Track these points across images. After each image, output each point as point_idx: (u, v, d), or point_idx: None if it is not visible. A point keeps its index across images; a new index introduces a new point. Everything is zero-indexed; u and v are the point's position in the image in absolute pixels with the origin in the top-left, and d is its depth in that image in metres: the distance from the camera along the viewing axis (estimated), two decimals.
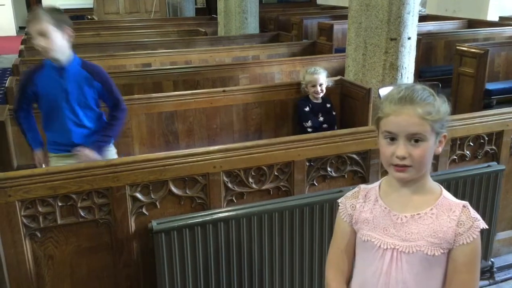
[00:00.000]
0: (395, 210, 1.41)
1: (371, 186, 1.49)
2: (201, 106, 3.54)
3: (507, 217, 3.15)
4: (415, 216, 1.37)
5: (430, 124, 1.31)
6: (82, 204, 2.20)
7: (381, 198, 1.43)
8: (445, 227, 1.34)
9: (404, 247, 1.37)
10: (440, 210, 1.36)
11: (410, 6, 3.49)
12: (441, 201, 1.37)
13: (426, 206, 1.37)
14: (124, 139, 3.32)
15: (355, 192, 1.50)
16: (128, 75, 4.33)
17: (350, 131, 2.67)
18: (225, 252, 2.32)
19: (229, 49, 5.75)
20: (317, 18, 8.31)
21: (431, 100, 1.33)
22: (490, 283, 3.00)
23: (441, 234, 1.34)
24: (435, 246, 1.35)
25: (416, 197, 1.38)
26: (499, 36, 6.61)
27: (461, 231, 1.33)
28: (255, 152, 2.45)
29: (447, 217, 1.34)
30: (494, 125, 2.87)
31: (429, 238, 1.35)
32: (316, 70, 3.66)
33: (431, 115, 1.31)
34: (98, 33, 7.09)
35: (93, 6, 10.84)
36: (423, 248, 1.35)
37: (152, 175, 2.25)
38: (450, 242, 1.34)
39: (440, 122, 1.33)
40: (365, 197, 1.47)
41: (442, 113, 1.34)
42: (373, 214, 1.43)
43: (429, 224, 1.35)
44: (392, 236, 1.39)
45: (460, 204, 1.36)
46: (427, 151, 1.32)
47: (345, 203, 1.50)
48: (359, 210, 1.46)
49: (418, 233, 1.36)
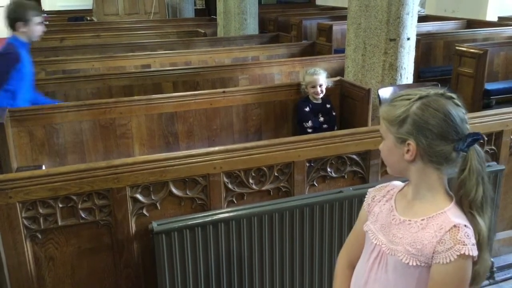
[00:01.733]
0: (397, 210, 1.42)
1: (399, 185, 1.49)
2: (201, 107, 3.54)
3: (507, 216, 3.16)
4: (406, 222, 1.37)
5: (385, 125, 1.37)
6: (82, 205, 2.21)
7: (395, 197, 1.45)
8: (426, 241, 1.30)
9: (388, 249, 1.39)
10: (430, 223, 1.32)
11: (409, 7, 3.50)
12: (438, 216, 1.32)
13: (421, 216, 1.35)
14: (124, 140, 3.33)
15: (382, 186, 1.53)
16: (128, 77, 4.33)
17: (349, 131, 2.68)
18: (225, 253, 2.33)
19: (228, 50, 5.75)
20: (316, 19, 8.30)
21: (399, 103, 1.34)
22: (490, 282, 3.00)
23: (419, 245, 1.31)
24: (411, 255, 1.32)
25: (420, 205, 1.37)
26: (498, 36, 6.60)
27: (440, 249, 1.28)
28: (255, 153, 2.46)
29: (433, 232, 1.30)
30: (493, 125, 2.88)
31: (408, 246, 1.33)
32: (316, 71, 3.66)
33: (386, 116, 1.36)
34: (97, 34, 7.09)
35: (93, 7, 10.84)
36: (399, 254, 1.35)
37: (153, 176, 2.26)
38: (428, 257, 1.30)
39: (395, 126, 1.33)
40: (387, 193, 1.49)
41: (396, 117, 1.33)
42: (381, 209, 1.46)
43: (413, 233, 1.34)
44: (385, 234, 1.41)
45: (452, 223, 1.29)
46: (385, 150, 1.39)
47: (370, 193, 1.54)
48: (375, 202, 1.50)
49: (401, 238, 1.36)
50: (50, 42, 6.64)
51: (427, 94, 1.33)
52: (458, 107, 1.32)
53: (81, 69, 4.92)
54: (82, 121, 3.26)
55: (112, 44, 6.15)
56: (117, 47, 5.98)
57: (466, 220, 1.31)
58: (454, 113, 1.30)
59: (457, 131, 1.29)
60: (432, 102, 1.31)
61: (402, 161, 1.35)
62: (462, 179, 1.31)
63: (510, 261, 3.15)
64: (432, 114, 1.30)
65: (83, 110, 3.25)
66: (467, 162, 1.30)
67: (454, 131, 1.29)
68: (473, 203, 1.31)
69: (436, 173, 1.33)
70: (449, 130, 1.29)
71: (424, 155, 1.32)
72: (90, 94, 4.12)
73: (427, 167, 1.33)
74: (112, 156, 3.27)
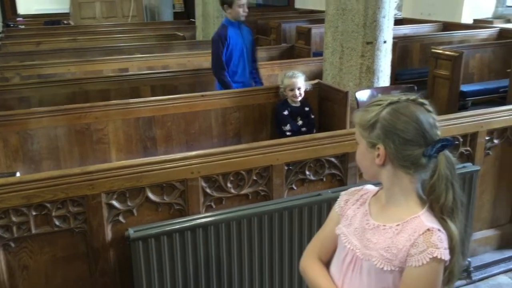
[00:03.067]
0: (371, 215, 1.42)
1: (372, 189, 1.49)
2: (179, 111, 3.51)
3: (483, 217, 3.21)
4: (380, 227, 1.37)
5: (358, 129, 1.38)
6: (56, 213, 2.16)
7: (369, 201, 1.45)
8: (401, 245, 1.31)
9: (362, 254, 1.38)
10: (405, 228, 1.32)
11: (386, 10, 3.53)
12: (412, 220, 1.32)
13: (396, 221, 1.35)
14: (100, 146, 3.29)
15: (356, 189, 1.52)
16: (104, 81, 4.28)
17: (327, 134, 2.69)
18: (204, 259, 2.30)
19: (207, 53, 5.69)
20: (295, 22, 8.33)
21: (371, 109, 1.36)
22: (467, 282, 3.04)
23: (394, 250, 1.31)
24: (386, 260, 1.32)
25: (394, 209, 1.37)
26: (474, 38, 6.72)
27: (413, 252, 1.28)
28: (233, 157, 2.45)
29: (408, 236, 1.31)
30: (468, 127, 2.92)
31: (382, 251, 1.33)
32: (294, 74, 3.67)
33: (359, 121, 1.38)
34: (74, 38, 7.01)
35: (69, 11, 10.71)
36: (373, 259, 1.35)
37: (129, 182, 2.22)
38: (402, 261, 1.31)
39: (367, 130, 1.35)
40: (361, 197, 1.48)
41: (367, 121, 1.35)
42: (355, 213, 1.45)
43: (388, 238, 1.34)
44: (358, 238, 1.41)
45: (425, 227, 1.30)
46: (358, 154, 1.41)
47: (343, 196, 1.54)
48: (349, 205, 1.49)
49: (376, 243, 1.36)
50: (25, 46, 6.55)
51: (398, 100, 1.34)
52: (428, 113, 1.34)
53: (57, 74, 4.85)
54: (57, 127, 3.20)
55: (89, 48, 6.08)
56: (94, 51, 5.91)
57: (439, 224, 1.32)
58: (422, 119, 1.31)
59: (426, 136, 1.30)
60: (401, 107, 1.32)
61: (373, 165, 1.37)
62: (431, 184, 1.33)
63: (487, 260, 3.19)
64: (400, 119, 1.31)
65: (58, 116, 3.20)
66: (436, 168, 1.31)
67: (422, 136, 1.30)
68: (443, 208, 1.32)
69: (407, 177, 1.34)
70: (417, 135, 1.30)
71: (394, 159, 1.33)
72: (65, 99, 4.05)
73: (397, 171, 1.34)
74: (88, 162, 3.22)
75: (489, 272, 3.13)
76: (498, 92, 5.43)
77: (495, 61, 5.83)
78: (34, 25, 9.82)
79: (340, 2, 3.55)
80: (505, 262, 3.21)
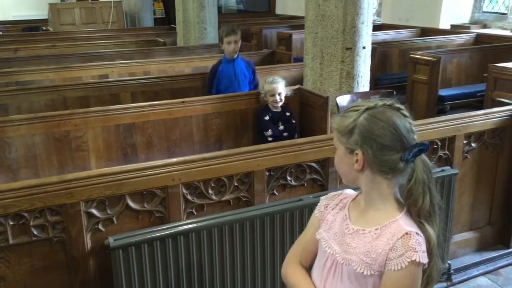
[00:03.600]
0: (350, 219, 1.42)
1: (351, 194, 1.50)
2: (160, 118, 3.50)
3: (462, 220, 3.25)
4: (359, 231, 1.38)
5: (336, 135, 1.40)
6: (34, 222, 2.13)
7: (349, 206, 1.45)
8: (380, 249, 1.32)
9: (341, 258, 1.39)
10: (384, 232, 1.34)
11: (364, 16, 3.57)
12: (391, 224, 1.34)
13: (375, 225, 1.36)
14: (79, 153, 3.25)
15: (335, 194, 1.53)
16: (84, 87, 4.23)
17: (308, 139, 2.70)
18: (185, 266, 2.29)
19: (188, 59, 5.71)
20: (276, 28, 8.37)
21: (348, 114, 1.37)
22: (448, 285, 3.07)
23: (374, 254, 1.33)
24: (366, 265, 1.34)
25: (373, 213, 1.38)
26: (451, 43, 6.84)
27: (392, 256, 1.30)
28: (214, 163, 2.44)
29: (386, 240, 1.32)
30: (446, 131, 2.96)
31: (362, 255, 1.35)
32: (274, 80, 3.68)
33: (337, 127, 1.39)
34: (53, 44, 6.92)
35: (48, 17, 10.57)
36: (353, 264, 1.36)
37: (108, 190, 2.20)
38: (381, 265, 1.32)
39: (345, 136, 1.36)
40: (340, 201, 1.49)
41: (345, 127, 1.36)
42: (334, 218, 1.46)
43: (367, 243, 1.35)
44: (338, 243, 1.41)
45: (404, 230, 1.31)
46: (337, 159, 1.42)
47: (323, 200, 1.54)
48: (328, 210, 1.49)
49: (356, 248, 1.36)
50: (3, 53, 6.44)
51: (375, 105, 1.35)
52: (405, 118, 1.35)
53: (35, 80, 4.77)
54: (35, 135, 3.15)
55: (68, 54, 6.01)
56: (73, 57, 5.84)
57: (417, 228, 1.33)
58: (399, 124, 1.33)
59: (402, 141, 1.32)
60: (378, 113, 1.34)
61: (352, 170, 1.38)
62: (409, 189, 1.34)
63: (467, 262, 3.24)
64: (377, 125, 1.32)
65: (36, 123, 3.15)
66: (413, 172, 1.33)
67: (399, 141, 1.32)
68: (421, 211, 1.34)
69: (385, 182, 1.35)
70: (394, 140, 1.31)
71: (372, 164, 1.34)
72: (44, 106, 3.99)
73: (376, 176, 1.35)
74: (67, 170, 3.17)
75: (469, 274, 3.17)
76: (476, 96, 5.52)
77: (472, 66, 5.94)
78: (12, 32, 9.66)
79: (319, 8, 3.58)
80: (485, 264, 3.26)
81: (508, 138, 3.19)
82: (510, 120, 3.16)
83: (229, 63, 4.35)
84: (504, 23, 7.88)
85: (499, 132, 3.16)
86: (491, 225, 3.36)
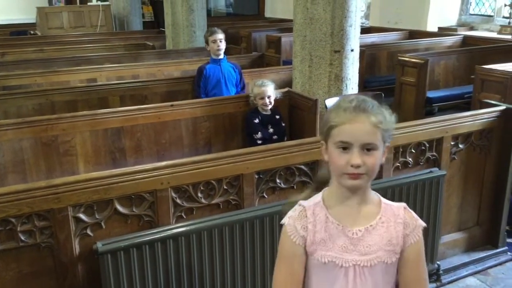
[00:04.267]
0: (347, 224, 1.38)
1: (313, 202, 1.42)
2: (149, 121, 3.48)
3: (451, 220, 3.27)
4: (368, 228, 1.38)
5: (381, 133, 1.33)
6: (22, 228, 2.11)
7: (330, 214, 1.39)
8: (396, 233, 1.38)
9: (365, 261, 1.36)
10: (387, 217, 1.39)
11: (352, 19, 3.59)
12: (384, 207, 1.41)
13: (374, 216, 1.39)
14: (68, 158, 3.23)
15: (301, 212, 1.41)
16: (72, 91, 4.20)
17: (297, 142, 2.70)
18: (175, 270, 2.28)
19: (177, 62, 5.70)
20: (265, 31, 8.39)
21: (381, 110, 1.36)
22: (437, 285, 3.09)
23: (394, 240, 1.38)
24: (392, 253, 1.38)
25: (363, 207, 1.39)
26: (439, 46, 6.90)
27: (408, 232, 1.39)
28: (203, 166, 2.44)
29: (394, 222, 1.39)
30: (434, 132, 2.98)
31: (386, 247, 1.38)
32: (263, 83, 3.69)
33: (382, 124, 1.33)
34: (41, 48, 6.86)
35: (36, 21, 10.50)
36: (383, 258, 1.37)
37: (96, 195, 2.19)
38: (401, 245, 1.39)
39: (388, 131, 1.36)
40: (313, 215, 1.40)
41: (390, 123, 1.37)
42: (328, 233, 1.38)
43: (383, 234, 1.38)
44: (351, 252, 1.37)
45: (401, 206, 1.42)
46: (377, 160, 1.33)
47: (294, 225, 1.40)
48: (312, 230, 1.38)
49: (375, 244, 1.37)
50: None
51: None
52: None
53: (22, 85, 4.73)
54: (22, 139, 3.13)
55: (56, 58, 5.97)
56: (61, 61, 5.81)
57: None
58: None
59: None
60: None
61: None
62: None
63: (455, 263, 3.26)
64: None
65: (24, 128, 3.12)
66: None
67: None
68: None
69: None
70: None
71: None
72: (32, 111, 3.96)
73: None
74: (55, 174, 3.15)
75: (458, 275, 3.20)
76: (463, 98, 5.57)
77: (460, 68, 5.99)
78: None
79: (307, 11, 3.59)
80: (474, 264, 3.29)
81: (495, 139, 3.23)
82: (497, 121, 3.19)
83: (216, 63, 4.50)
84: (491, 25, 7.97)
85: (486, 133, 3.19)
86: (479, 225, 3.39)
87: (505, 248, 3.42)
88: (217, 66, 4.49)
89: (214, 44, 4.43)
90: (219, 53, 4.47)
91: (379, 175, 2.85)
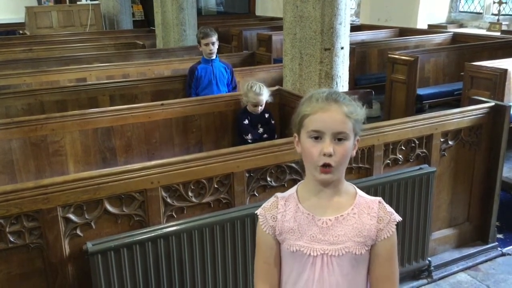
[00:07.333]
0: (317, 214, 1.41)
1: (288, 194, 1.48)
2: (139, 121, 3.46)
3: (441, 216, 3.29)
4: (339, 218, 1.40)
5: (352, 123, 1.37)
6: (10, 228, 2.09)
7: (301, 204, 1.43)
8: (368, 225, 1.39)
9: (333, 251, 1.39)
10: (360, 209, 1.41)
11: (342, 17, 3.59)
12: (359, 200, 1.42)
13: (347, 207, 1.41)
14: (57, 158, 3.20)
15: (273, 202, 1.47)
16: (61, 91, 4.17)
17: (287, 140, 2.70)
18: (166, 270, 2.27)
19: (168, 61, 5.68)
20: (256, 29, 8.40)
21: (352, 102, 1.40)
22: (428, 281, 3.10)
23: (365, 232, 1.39)
24: (361, 244, 1.39)
25: (335, 198, 1.41)
26: (429, 43, 6.94)
27: (382, 226, 1.39)
28: (193, 165, 2.43)
29: (367, 214, 1.40)
30: (423, 129, 2.99)
31: (355, 238, 1.39)
32: (260, 91, 3.60)
33: (353, 114, 1.37)
34: (30, 48, 6.81)
35: (25, 21, 10.40)
36: (351, 249, 1.39)
37: (86, 195, 2.17)
38: (373, 238, 1.40)
39: (359, 123, 1.39)
40: (284, 205, 1.45)
41: (361, 114, 1.40)
42: (297, 222, 1.42)
43: (353, 224, 1.39)
44: (320, 241, 1.40)
45: (375, 200, 1.42)
46: (348, 150, 1.37)
47: (265, 215, 1.47)
48: (281, 220, 1.44)
49: (345, 234, 1.39)
50: None
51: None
52: None
53: (11, 85, 4.69)
54: (11, 140, 3.10)
55: (45, 58, 5.92)
56: (50, 61, 5.76)
57: None
58: None
59: None
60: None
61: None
62: None
63: (446, 259, 3.27)
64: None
65: (12, 128, 3.10)
66: None
67: None
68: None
69: None
70: None
71: None
72: (21, 111, 3.93)
73: None
74: (44, 175, 3.12)
75: (449, 271, 3.21)
76: (453, 95, 5.61)
77: (449, 65, 6.03)
78: None
79: (297, 9, 3.59)
80: (464, 260, 3.31)
81: (485, 136, 3.24)
82: (486, 118, 3.21)
83: (208, 63, 4.51)
84: (480, 22, 8.04)
85: (476, 129, 3.21)
86: (469, 221, 3.41)
87: (495, 244, 3.44)
88: (209, 67, 4.50)
89: (206, 47, 4.45)
90: (211, 56, 4.48)
91: (370, 172, 2.87)
